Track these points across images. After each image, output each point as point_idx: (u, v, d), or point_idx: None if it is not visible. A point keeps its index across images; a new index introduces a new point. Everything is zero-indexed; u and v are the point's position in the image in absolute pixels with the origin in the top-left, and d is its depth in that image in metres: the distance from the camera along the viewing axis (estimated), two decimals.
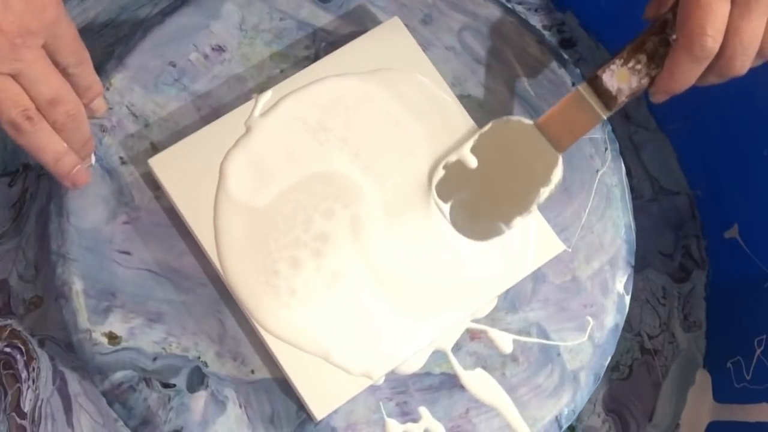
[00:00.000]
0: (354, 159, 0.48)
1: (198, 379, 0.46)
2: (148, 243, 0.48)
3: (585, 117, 0.46)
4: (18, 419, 0.59)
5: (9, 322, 0.61)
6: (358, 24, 0.53)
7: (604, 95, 0.45)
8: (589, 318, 0.51)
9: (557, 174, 0.47)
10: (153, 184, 0.48)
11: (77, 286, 0.47)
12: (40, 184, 0.63)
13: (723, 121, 0.65)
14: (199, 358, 0.47)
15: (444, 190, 0.48)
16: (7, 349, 0.60)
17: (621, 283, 0.52)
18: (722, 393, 0.64)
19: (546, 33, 0.72)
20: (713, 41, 0.41)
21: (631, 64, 0.44)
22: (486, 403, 0.48)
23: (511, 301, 0.50)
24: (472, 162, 0.48)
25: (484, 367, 0.49)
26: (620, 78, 0.45)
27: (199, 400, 0.46)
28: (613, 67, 0.45)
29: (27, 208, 0.64)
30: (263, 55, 0.52)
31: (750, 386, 0.60)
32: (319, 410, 0.45)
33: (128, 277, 0.47)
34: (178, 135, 0.49)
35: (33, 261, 0.63)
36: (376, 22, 0.52)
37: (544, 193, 0.48)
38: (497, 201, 0.48)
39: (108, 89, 0.50)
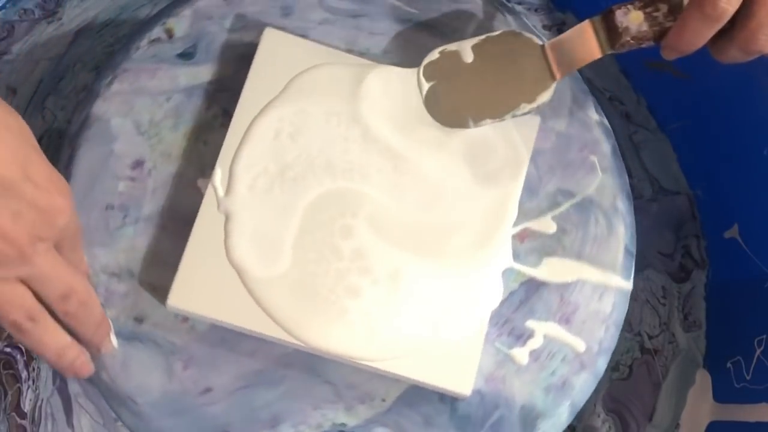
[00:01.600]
0: (330, 171, 0.48)
1: None
2: (217, 368, 0.47)
3: (586, 49, 0.46)
4: (18, 419, 0.59)
5: None
6: (236, 58, 0.51)
7: (612, 31, 0.45)
8: (591, 156, 0.54)
9: (544, 97, 0.48)
10: (179, 319, 0.47)
11: None
12: None
13: (723, 121, 0.65)
14: (334, 424, 0.47)
15: (430, 71, 0.50)
16: (7, 349, 0.60)
17: (592, 111, 0.55)
18: (722, 393, 0.64)
19: (546, 33, 0.72)
20: (727, 2, 0.39)
21: (649, 9, 0.44)
22: (570, 280, 0.51)
23: (526, 190, 0.51)
24: (468, 57, 0.49)
25: (547, 255, 0.51)
26: (633, 18, 0.44)
27: None
28: (630, 6, 0.44)
29: None
30: (178, 141, 0.50)
31: (750, 386, 0.60)
32: (464, 388, 0.47)
33: (226, 409, 0.47)
34: (168, 263, 0.47)
35: None
36: (249, 46, 0.51)
37: (524, 108, 0.48)
38: (476, 98, 0.49)
39: None
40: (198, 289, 0.45)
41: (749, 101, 0.61)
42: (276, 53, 0.49)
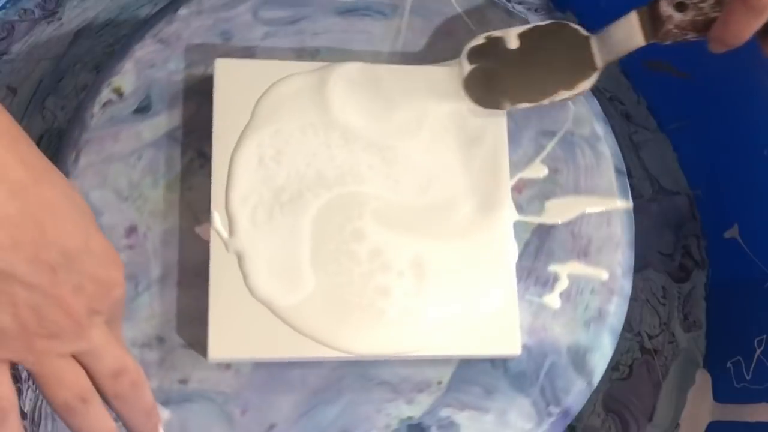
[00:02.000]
0: (323, 181, 0.48)
1: None
2: (274, 403, 0.47)
3: (631, 37, 0.46)
4: None
5: None
6: (193, 96, 0.51)
7: (656, 20, 0.45)
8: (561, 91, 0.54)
9: (584, 85, 0.49)
10: (222, 367, 0.47)
11: None
12: None
13: (723, 121, 0.65)
14: (401, 420, 0.48)
15: (474, 54, 0.50)
16: None
17: None
18: (722, 393, 0.64)
19: None
20: None
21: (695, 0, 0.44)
22: (574, 216, 0.52)
23: (509, 142, 0.51)
24: (514, 43, 0.50)
25: (547, 199, 0.52)
26: (678, 7, 0.44)
27: None
28: None
29: None
30: (164, 195, 0.49)
31: (750, 386, 0.60)
32: (514, 348, 0.48)
33: None
34: (194, 318, 0.47)
35: None
36: (202, 80, 0.50)
37: (562, 94, 0.49)
38: (516, 81, 0.50)
39: None
40: (234, 335, 0.45)
41: (749, 101, 0.61)
42: (233, 82, 0.48)
